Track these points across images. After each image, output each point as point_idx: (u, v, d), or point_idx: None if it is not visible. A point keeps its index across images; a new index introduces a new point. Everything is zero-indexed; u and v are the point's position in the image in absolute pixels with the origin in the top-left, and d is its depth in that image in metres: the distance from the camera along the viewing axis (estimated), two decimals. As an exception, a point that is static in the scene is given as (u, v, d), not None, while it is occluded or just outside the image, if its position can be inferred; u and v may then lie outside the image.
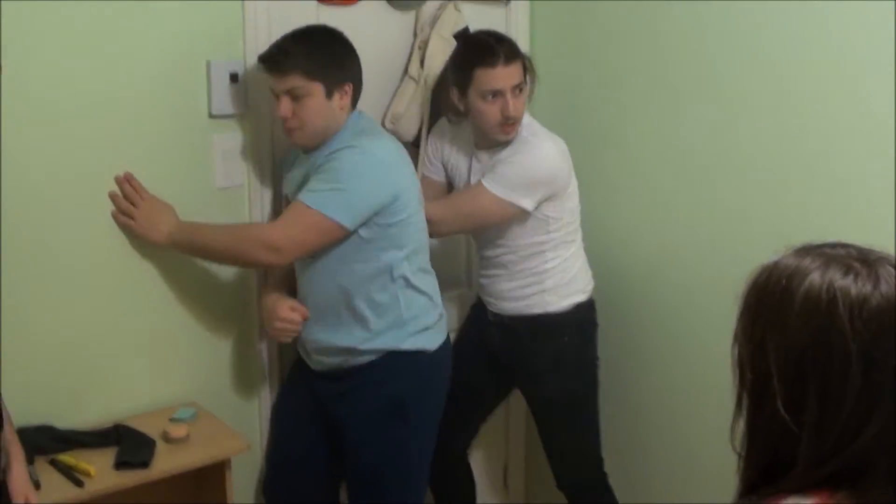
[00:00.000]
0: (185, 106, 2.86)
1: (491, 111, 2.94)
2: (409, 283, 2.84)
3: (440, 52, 3.19)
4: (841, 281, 1.22)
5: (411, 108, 3.20)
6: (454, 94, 3.03)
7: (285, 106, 2.72)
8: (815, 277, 1.23)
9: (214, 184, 2.95)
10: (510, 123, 2.96)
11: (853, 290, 1.21)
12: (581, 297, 3.19)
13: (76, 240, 2.72)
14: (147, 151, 2.81)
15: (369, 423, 2.89)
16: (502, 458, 3.94)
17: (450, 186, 3.24)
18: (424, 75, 3.20)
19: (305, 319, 2.82)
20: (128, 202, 2.78)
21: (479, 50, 2.95)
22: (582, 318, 3.22)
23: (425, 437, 2.99)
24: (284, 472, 3.08)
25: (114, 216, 2.79)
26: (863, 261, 1.25)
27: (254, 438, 3.12)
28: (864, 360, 1.19)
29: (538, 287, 3.13)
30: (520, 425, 3.85)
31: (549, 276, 3.12)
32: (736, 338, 1.31)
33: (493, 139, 3.02)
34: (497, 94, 2.92)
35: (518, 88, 2.95)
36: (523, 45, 3.26)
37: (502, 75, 2.91)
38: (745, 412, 1.30)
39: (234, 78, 2.90)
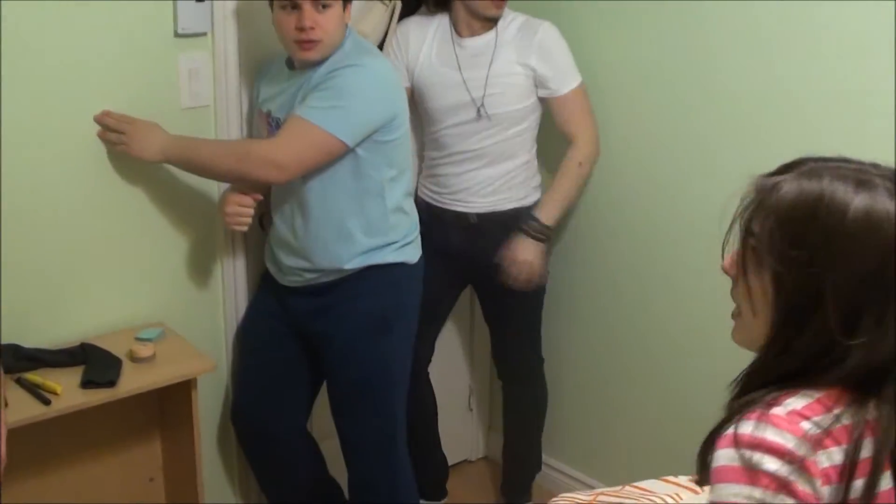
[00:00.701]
0: (150, 24, 2.81)
1: None
2: (396, 203, 2.88)
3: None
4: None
5: (378, 29, 3.18)
6: None
7: (310, 16, 2.67)
8: (867, 201, 1.25)
9: (180, 104, 2.92)
10: None
11: None
12: (538, 194, 3.35)
13: (38, 159, 2.70)
14: (111, 71, 2.78)
15: (353, 338, 2.92)
16: (466, 381, 3.99)
17: (411, 93, 3.26)
18: (395, -2, 3.20)
19: (257, 201, 2.81)
20: (115, 132, 2.77)
21: None
22: None
23: (406, 352, 3.04)
24: (253, 392, 3.11)
25: (101, 137, 2.78)
26: (893, 180, 1.28)
27: (220, 358, 3.15)
28: None
29: (515, 180, 3.27)
30: (484, 348, 3.89)
31: (524, 169, 3.29)
32: (769, 259, 1.30)
33: (484, 15, 3.14)
34: None
35: None
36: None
37: None
38: (782, 336, 1.31)
39: (200, -5, 2.86)
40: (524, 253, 3.23)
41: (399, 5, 3.19)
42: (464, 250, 3.34)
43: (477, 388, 4.02)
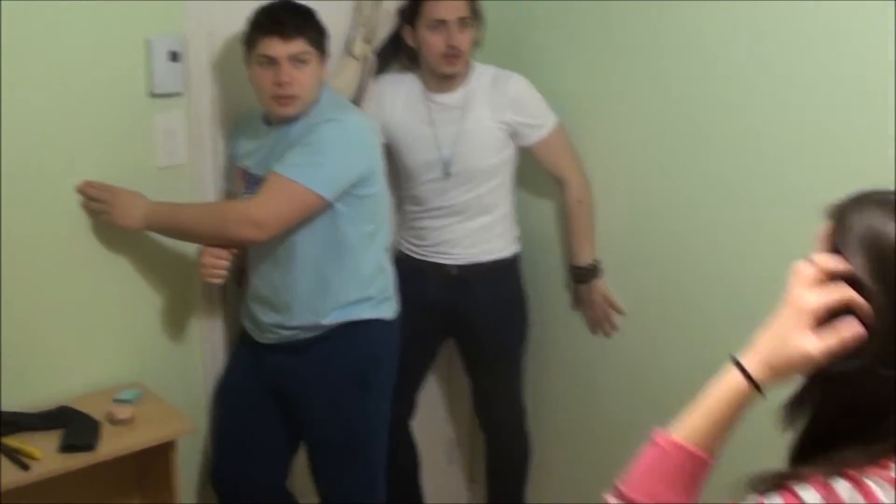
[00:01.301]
0: (125, 85, 2.82)
1: (436, 41, 3.11)
2: (374, 258, 2.89)
3: (386, 26, 3.24)
4: None
5: (352, 85, 3.20)
6: (407, 32, 3.20)
7: (287, 71, 2.70)
8: None
9: (156, 163, 2.92)
10: (454, 54, 3.12)
11: None
12: (518, 246, 3.40)
13: (17, 221, 2.69)
14: (88, 131, 2.78)
15: (331, 396, 2.91)
16: (446, 434, 3.97)
17: (387, 149, 3.27)
18: (370, 52, 3.22)
19: (233, 255, 2.81)
20: (98, 202, 2.77)
21: None
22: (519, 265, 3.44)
23: (384, 409, 3.03)
24: (232, 452, 3.07)
25: (84, 207, 2.79)
26: None
27: (199, 418, 3.12)
28: None
29: (493, 232, 3.31)
30: (464, 400, 3.87)
31: (502, 221, 3.33)
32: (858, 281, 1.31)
33: (440, 72, 3.17)
34: (441, 24, 3.09)
35: (463, 22, 3.11)
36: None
37: (448, 6, 3.10)
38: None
39: (174, 56, 2.86)
40: (590, 296, 3.33)
41: (372, 61, 3.22)
42: (444, 302, 3.35)
43: (458, 440, 4.00)
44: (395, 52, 3.29)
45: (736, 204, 2.94)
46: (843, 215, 1.36)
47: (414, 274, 3.32)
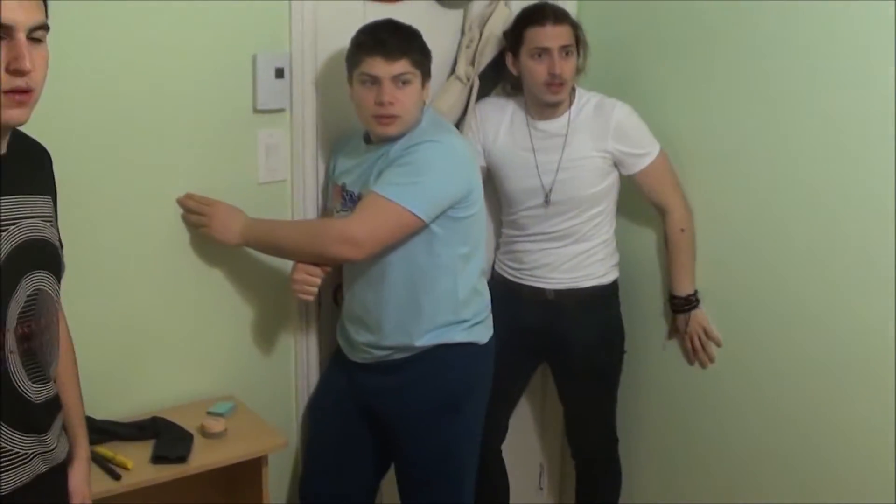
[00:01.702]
0: (230, 100, 2.85)
1: (539, 70, 3.07)
2: (469, 281, 2.86)
3: (491, 49, 3.22)
4: None
5: (456, 107, 3.20)
6: (509, 60, 3.18)
7: (390, 91, 2.70)
8: None
9: (257, 179, 2.95)
10: (557, 83, 3.07)
11: None
12: (617, 273, 3.36)
13: (120, 233, 2.73)
14: (192, 145, 2.81)
15: (422, 419, 2.89)
16: (537, 459, 3.93)
17: (487, 171, 3.27)
18: (474, 74, 3.20)
19: (326, 273, 2.80)
20: (197, 215, 2.81)
21: (530, 10, 3.14)
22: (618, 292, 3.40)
23: (475, 433, 3.00)
24: (322, 470, 3.08)
25: (184, 219, 2.83)
26: None
27: (291, 434, 3.13)
28: None
29: (594, 258, 3.27)
30: (556, 425, 3.84)
31: (604, 247, 3.29)
32: None
33: (542, 101, 3.13)
34: (544, 52, 3.06)
35: (566, 50, 3.08)
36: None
37: (550, 34, 3.06)
38: None
39: (279, 73, 2.89)
40: (687, 326, 3.30)
41: (477, 84, 3.20)
42: (540, 327, 3.31)
43: (548, 466, 3.96)
44: (499, 76, 3.27)
45: (838, 238, 2.87)
46: None
47: (510, 296, 3.30)
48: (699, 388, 3.37)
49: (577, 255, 3.24)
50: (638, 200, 3.31)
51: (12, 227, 1.86)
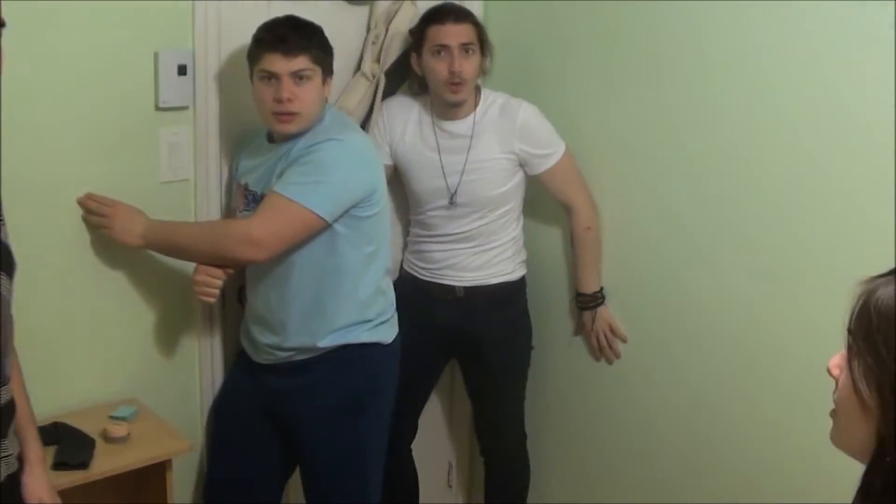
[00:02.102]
0: (132, 98, 2.80)
1: (439, 68, 3.08)
2: (372, 281, 2.85)
3: (397, 47, 3.21)
4: None
5: (363, 104, 3.18)
6: (414, 59, 3.16)
7: (289, 88, 2.67)
8: None
9: (160, 178, 2.90)
10: (457, 81, 3.07)
11: None
12: (524, 269, 3.38)
13: (18, 233, 2.65)
14: (93, 144, 2.75)
15: (326, 420, 2.87)
16: (446, 457, 3.94)
17: (394, 170, 3.27)
18: (380, 71, 3.19)
19: (228, 275, 2.77)
20: (98, 216, 2.75)
21: (433, 9, 3.14)
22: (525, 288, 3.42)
23: (381, 433, 3.00)
24: (227, 472, 3.04)
25: (85, 220, 2.77)
26: None
27: (195, 436, 3.09)
28: None
29: (502, 256, 3.28)
30: (464, 423, 3.85)
31: (512, 244, 3.30)
32: (871, 360, 1.29)
33: (444, 100, 3.13)
34: (445, 49, 3.06)
35: (466, 48, 3.08)
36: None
37: (451, 32, 3.06)
38: (893, 433, 1.27)
39: (182, 70, 2.85)
40: (594, 323, 3.33)
41: (383, 81, 3.19)
42: (450, 324, 3.32)
43: (457, 463, 3.97)
44: (405, 75, 3.26)
45: (741, 235, 2.93)
46: (874, 290, 1.32)
47: (420, 294, 3.30)
48: (605, 384, 3.41)
49: (485, 254, 3.25)
50: (544, 199, 3.34)
51: None
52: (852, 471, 1.32)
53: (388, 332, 2.94)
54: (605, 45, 3.20)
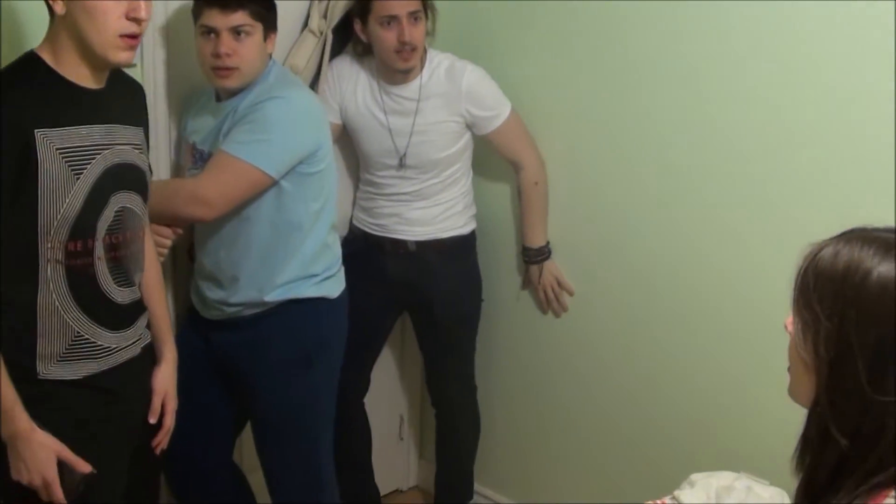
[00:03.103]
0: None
1: (388, 37, 3.06)
2: (319, 236, 2.88)
3: (344, 3, 3.20)
4: None
5: (311, 62, 3.18)
6: (357, 26, 3.15)
7: (227, 43, 2.68)
8: (889, 268, 1.33)
9: (108, 136, 2.89)
10: (407, 50, 3.07)
11: None
12: (475, 224, 3.43)
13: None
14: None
15: (275, 373, 2.91)
16: (397, 410, 3.99)
17: (342, 129, 3.29)
18: (327, 28, 3.19)
19: (177, 236, 2.81)
20: None
21: None
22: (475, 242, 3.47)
23: (330, 385, 3.03)
24: (179, 428, 3.03)
25: None
26: None
27: (147, 392, 3.09)
28: None
29: (452, 210, 3.32)
30: (415, 376, 3.90)
31: (462, 198, 3.34)
32: (808, 316, 1.39)
33: (395, 68, 3.13)
34: (393, 20, 3.05)
35: (414, 16, 3.07)
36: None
37: (398, 2, 3.05)
38: (824, 387, 1.37)
39: (128, 27, 2.83)
40: (540, 276, 3.38)
41: (331, 38, 3.19)
42: (401, 277, 3.36)
43: (408, 416, 4.02)
44: (351, 33, 3.26)
45: (686, 189, 2.99)
46: (816, 251, 1.41)
47: (370, 249, 3.34)
48: (553, 336, 3.48)
49: (436, 207, 3.30)
50: (492, 156, 3.37)
51: (106, 150, 2.22)
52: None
53: (334, 287, 2.97)
54: (552, 2, 3.22)
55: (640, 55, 3.01)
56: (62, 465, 2.21)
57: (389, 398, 3.93)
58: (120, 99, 2.32)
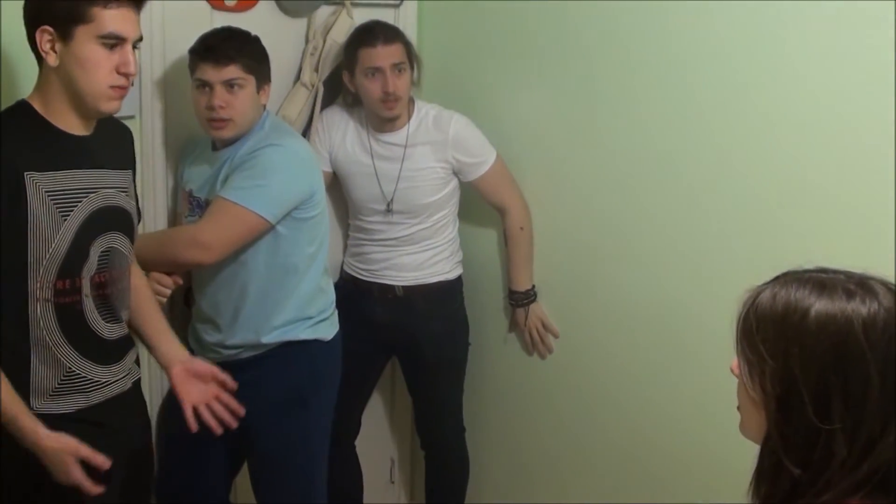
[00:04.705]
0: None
1: (373, 88, 3.17)
2: (313, 279, 2.96)
3: (334, 56, 3.33)
4: (850, 304, 1.40)
5: (303, 113, 3.30)
6: (346, 78, 3.27)
7: (220, 96, 2.78)
8: (826, 305, 1.41)
9: (108, 184, 2.96)
10: (391, 100, 3.18)
11: (863, 311, 1.39)
12: (461, 269, 3.51)
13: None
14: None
15: (269, 415, 2.96)
16: (388, 453, 4.03)
17: (334, 177, 3.39)
18: (318, 81, 3.30)
19: (177, 284, 2.88)
20: None
21: (362, 32, 3.24)
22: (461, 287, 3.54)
23: (323, 427, 3.10)
24: (177, 469, 3.11)
25: None
26: (855, 282, 1.43)
27: (145, 433, 3.14)
28: (882, 367, 1.38)
29: (439, 256, 3.39)
30: (405, 420, 3.95)
31: (449, 245, 3.42)
32: (753, 358, 1.47)
33: (380, 117, 3.24)
34: (377, 71, 3.16)
35: (398, 68, 3.18)
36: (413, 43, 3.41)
37: (382, 54, 3.17)
38: (774, 422, 1.44)
39: (127, 80, 2.93)
40: (527, 320, 3.45)
41: (322, 90, 3.30)
42: (389, 322, 3.42)
43: (399, 459, 4.05)
44: (341, 85, 3.36)
45: (667, 232, 3.04)
46: (754, 297, 1.50)
47: (360, 294, 3.41)
48: (539, 377, 3.53)
49: (423, 254, 3.38)
50: (479, 202, 3.46)
51: (93, 193, 2.33)
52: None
53: (328, 330, 3.05)
54: (534, 51, 3.32)
55: (627, 100, 3.08)
56: None
57: (380, 441, 3.96)
58: (107, 144, 2.43)
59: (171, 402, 3.11)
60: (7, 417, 2.23)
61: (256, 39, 2.89)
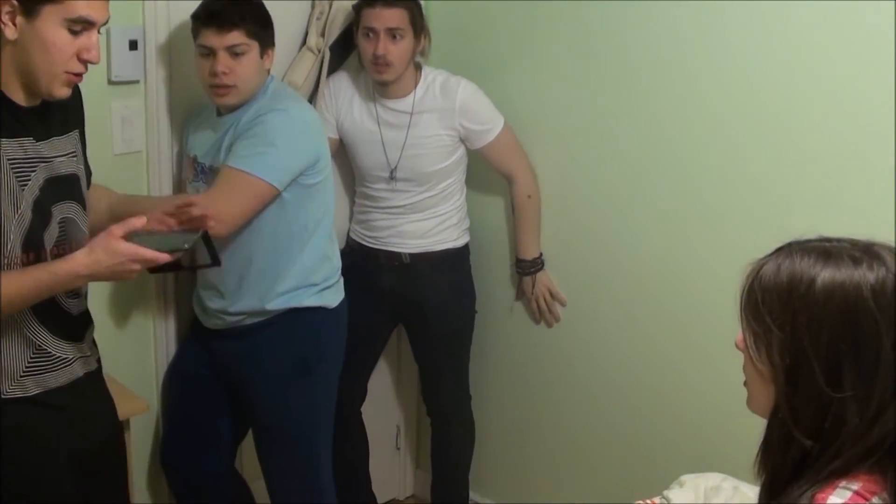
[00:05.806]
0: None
1: (367, 48, 3.17)
2: (318, 246, 2.95)
3: (341, 21, 3.30)
4: (857, 271, 1.39)
5: (310, 79, 3.27)
6: (355, 36, 3.24)
7: (224, 62, 2.76)
8: (833, 273, 1.40)
9: (113, 150, 2.96)
10: (381, 63, 3.15)
11: (871, 277, 1.39)
12: (468, 237, 3.51)
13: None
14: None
15: (273, 382, 2.97)
16: (394, 420, 4.04)
17: (340, 143, 3.37)
18: (325, 45, 3.27)
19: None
20: None
21: None
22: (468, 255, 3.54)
23: (328, 394, 3.09)
24: (181, 435, 3.14)
25: None
26: (861, 249, 1.43)
27: (151, 399, 3.16)
28: (892, 332, 1.38)
29: (446, 223, 3.39)
30: (411, 387, 3.96)
31: (456, 213, 3.42)
32: (759, 330, 1.46)
33: (373, 79, 3.22)
34: (372, 31, 3.14)
35: (392, 33, 3.14)
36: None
37: (379, 15, 3.14)
38: (783, 394, 1.43)
39: (133, 45, 2.92)
40: (533, 288, 3.45)
41: (328, 55, 3.28)
42: (395, 289, 3.42)
43: (405, 426, 4.07)
44: (349, 49, 3.35)
45: (678, 198, 3.04)
46: (758, 269, 1.48)
47: (366, 261, 3.41)
48: (546, 346, 3.54)
49: (429, 222, 3.37)
50: (486, 170, 3.44)
51: (43, 164, 2.23)
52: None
53: (333, 297, 3.04)
54: (543, 20, 3.30)
55: (633, 69, 3.08)
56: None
57: (386, 409, 3.98)
58: (56, 110, 2.31)
59: (177, 366, 3.16)
60: (42, 285, 2.16)
61: (260, 4, 2.86)
